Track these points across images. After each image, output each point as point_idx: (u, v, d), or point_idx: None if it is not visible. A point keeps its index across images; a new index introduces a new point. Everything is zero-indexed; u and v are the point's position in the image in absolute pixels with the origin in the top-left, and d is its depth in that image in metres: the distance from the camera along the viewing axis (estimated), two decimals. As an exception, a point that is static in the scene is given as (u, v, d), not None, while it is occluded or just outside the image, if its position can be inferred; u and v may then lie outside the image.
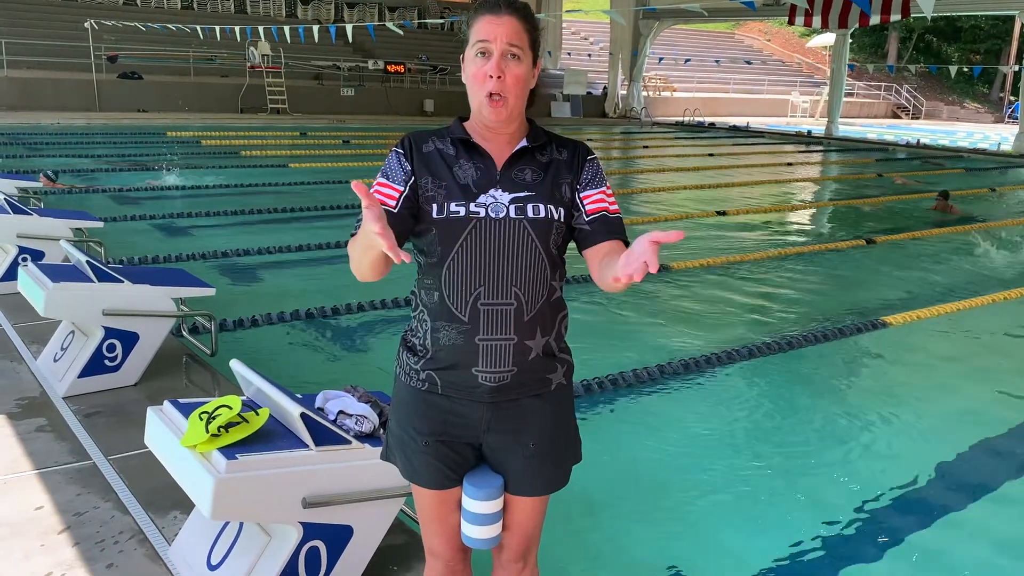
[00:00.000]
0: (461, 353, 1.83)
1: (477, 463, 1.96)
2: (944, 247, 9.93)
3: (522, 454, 1.90)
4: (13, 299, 5.25)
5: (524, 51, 1.81)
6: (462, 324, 1.82)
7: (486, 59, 1.79)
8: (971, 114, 44.32)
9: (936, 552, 3.57)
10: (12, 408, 3.99)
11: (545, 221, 1.82)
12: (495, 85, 1.78)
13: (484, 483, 1.92)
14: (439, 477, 1.93)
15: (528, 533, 2.03)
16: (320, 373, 5.09)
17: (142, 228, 8.99)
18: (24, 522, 3.01)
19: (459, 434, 1.90)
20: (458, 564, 2.07)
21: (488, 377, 1.83)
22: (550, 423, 1.92)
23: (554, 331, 1.90)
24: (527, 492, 1.94)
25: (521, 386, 1.86)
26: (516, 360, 1.83)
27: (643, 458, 4.36)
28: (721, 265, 8.38)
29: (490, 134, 1.88)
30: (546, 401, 1.91)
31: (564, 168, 1.90)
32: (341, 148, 16.96)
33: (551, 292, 1.87)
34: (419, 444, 1.91)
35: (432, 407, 1.89)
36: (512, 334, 1.82)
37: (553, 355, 1.91)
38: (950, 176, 17.79)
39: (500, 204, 1.81)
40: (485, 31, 1.79)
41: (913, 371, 5.92)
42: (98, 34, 21.72)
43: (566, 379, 1.95)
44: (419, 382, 1.89)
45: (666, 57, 33.59)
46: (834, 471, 4.27)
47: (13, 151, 13.72)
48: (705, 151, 20.23)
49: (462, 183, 1.83)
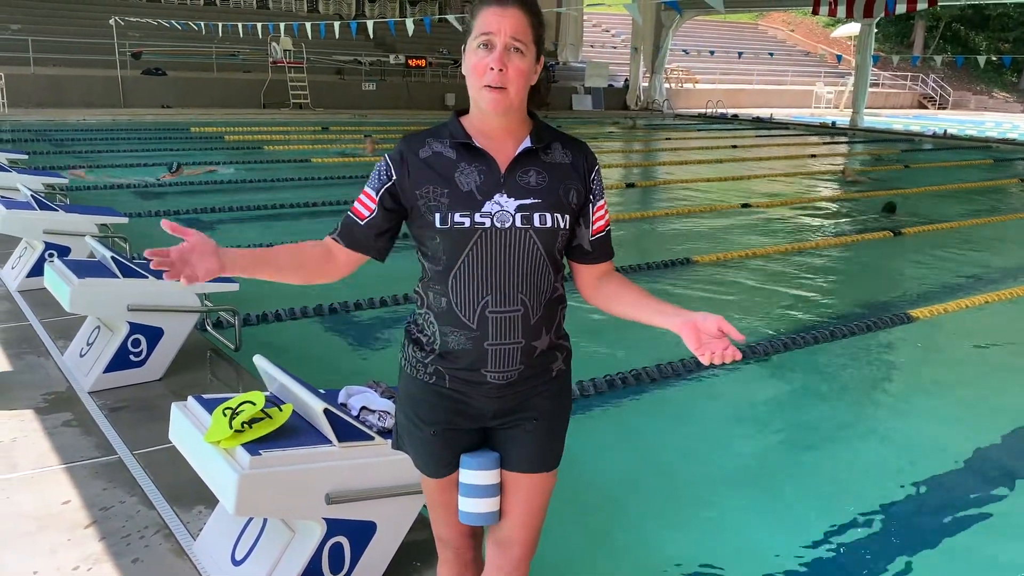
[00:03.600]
0: (470, 357, 1.83)
1: (480, 446, 1.97)
2: (973, 238, 9.79)
3: (525, 429, 1.92)
4: (40, 295, 5.31)
5: (528, 46, 1.77)
6: (471, 331, 1.81)
7: (488, 51, 1.75)
8: (999, 103, 43.64)
9: (965, 548, 3.52)
10: (39, 403, 4.03)
11: (551, 231, 1.81)
12: (496, 77, 1.74)
13: (479, 455, 1.94)
14: (445, 465, 1.95)
15: (533, 525, 1.97)
16: (343, 368, 5.10)
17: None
18: (51, 516, 3.04)
19: (465, 424, 1.91)
20: (467, 552, 2.07)
21: (496, 376, 1.84)
22: (551, 404, 1.94)
23: (555, 326, 1.91)
24: (529, 468, 1.93)
25: (527, 380, 1.88)
26: (523, 360, 1.85)
27: (666, 453, 4.33)
28: (745, 258, 8.30)
29: (491, 131, 1.84)
30: (549, 384, 1.93)
31: (571, 172, 1.87)
32: (363, 142, 16.99)
33: (553, 292, 1.88)
34: (426, 434, 1.92)
35: (440, 398, 1.89)
36: (520, 338, 1.83)
37: (556, 347, 1.93)
38: (952, 169, 17.53)
39: (506, 212, 1.78)
40: (489, 23, 1.75)
41: (940, 365, 5.83)
42: (122, 31, 21.91)
43: (565, 364, 1.97)
44: (426, 375, 1.89)
45: (689, 49, 33.35)
46: (860, 466, 4.22)
47: (40, 147, 13.87)
48: (728, 143, 20.07)
49: (465, 190, 1.79)
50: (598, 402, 4.70)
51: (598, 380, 4.79)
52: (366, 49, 26.86)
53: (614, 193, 12.45)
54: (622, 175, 14.71)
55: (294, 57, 23.39)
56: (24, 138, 15.10)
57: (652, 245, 9.16)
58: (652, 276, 7.44)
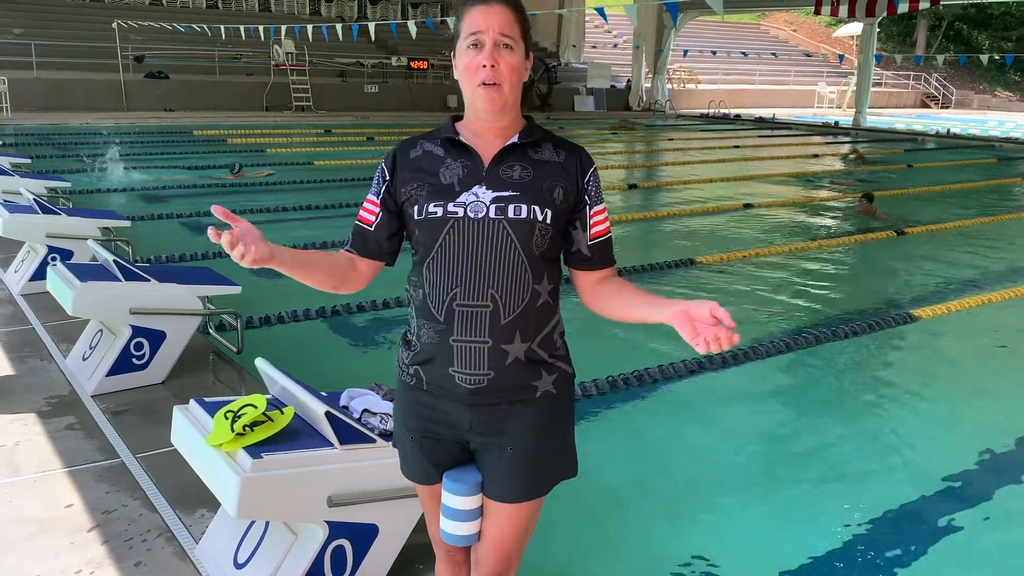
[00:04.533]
0: (438, 352, 1.80)
1: (466, 461, 1.93)
2: (977, 238, 9.77)
3: (500, 456, 1.84)
4: (43, 298, 5.31)
5: (516, 41, 1.77)
6: (438, 323, 1.79)
7: (479, 50, 1.75)
8: (1002, 102, 43.57)
9: (973, 548, 3.50)
10: (42, 406, 4.03)
11: (527, 222, 1.76)
12: (489, 74, 1.74)
13: (461, 478, 1.89)
14: (426, 472, 1.94)
15: (503, 551, 1.91)
16: (345, 370, 5.10)
17: (169, 226, 9.06)
18: (54, 519, 3.04)
19: (444, 433, 1.87)
20: (458, 554, 2.06)
21: (464, 379, 1.79)
22: (530, 431, 1.83)
23: (539, 338, 1.82)
24: (498, 497, 1.87)
25: (499, 391, 1.80)
26: (492, 364, 1.77)
27: (671, 453, 4.32)
28: (748, 258, 8.29)
29: (482, 130, 1.83)
30: (530, 408, 1.83)
31: (561, 172, 1.84)
32: (366, 145, 17.01)
33: (534, 297, 1.79)
34: (409, 439, 1.92)
35: (418, 403, 1.88)
36: (487, 337, 1.76)
37: (539, 362, 1.83)
38: (955, 168, 17.50)
39: (481, 203, 1.76)
40: (477, 22, 1.75)
41: (945, 364, 5.82)
42: (125, 34, 21.94)
43: (556, 388, 1.86)
44: (408, 377, 1.89)
45: (691, 49, 33.34)
46: (866, 466, 4.21)
47: (42, 151, 13.88)
48: (731, 143, 20.05)
49: (446, 183, 1.80)
50: (600, 403, 4.70)
51: (600, 381, 4.79)
52: (368, 51, 26.88)
53: (616, 194, 12.44)
54: (624, 176, 14.70)
55: (296, 60, 23.42)
56: (27, 142, 15.13)
57: (655, 246, 9.16)
58: (655, 277, 7.44)
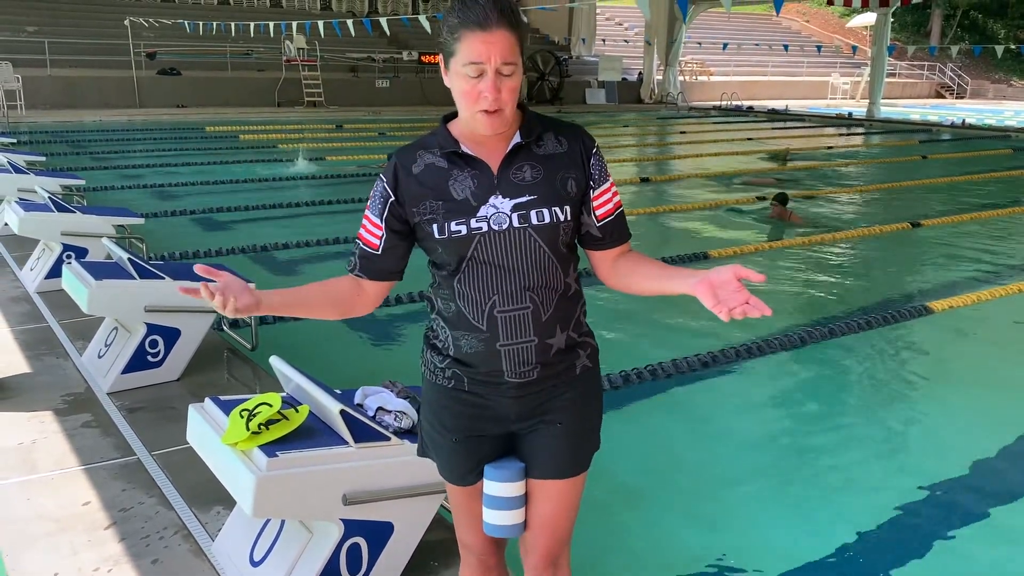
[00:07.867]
0: (484, 358, 1.81)
1: (505, 454, 1.94)
2: (993, 229, 9.68)
3: (548, 433, 1.88)
4: (58, 296, 5.34)
5: (517, 62, 1.73)
6: (481, 332, 1.80)
7: (479, 79, 1.70)
8: (1018, 92, 43.10)
9: (984, 544, 3.48)
10: (59, 404, 4.06)
11: (551, 226, 1.78)
12: (491, 104, 1.71)
13: (505, 466, 1.92)
14: (468, 471, 1.93)
15: (557, 532, 1.96)
16: (359, 368, 5.11)
17: (183, 223, 9.11)
18: (71, 517, 3.06)
19: (489, 428, 1.88)
20: (491, 558, 2.06)
21: (514, 376, 1.82)
22: (576, 404, 1.90)
23: (572, 322, 1.87)
24: (552, 474, 1.90)
25: (547, 378, 1.85)
26: (540, 358, 1.82)
27: (685, 448, 4.31)
28: (761, 251, 8.25)
29: (483, 137, 1.80)
30: (573, 383, 1.89)
31: (567, 161, 1.83)
32: (377, 140, 17.02)
33: (566, 289, 1.84)
34: (449, 441, 1.91)
35: (460, 404, 1.88)
36: (532, 336, 1.80)
37: (575, 344, 1.89)
38: (970, 159, 17.34)
39: (502, 214, 1.76)
40: (478, 52, 1.68)
41: (959, 358, 5.78)
42: (137, 31, 22.02)
43: (591, 361, 1.93)
44: (445, 380, 1.88)
45: (703, 41, 33.16)
46: (881, 462, 4.19)
47: (57, 149, 13.96)
48: (744, 135, 19.95)
49: (460, 198, 1.77)
50: (614, 398, 4.68)
51: (613, 376, 4.78)
52: (379, 46, 26.87)
53: (629, 187, 12.40)
54: (637, 169, 14.65)
55: (308, 55, 23.42)
56: (41, 140, 15.22)
57: (667, 239, 9.13)
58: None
